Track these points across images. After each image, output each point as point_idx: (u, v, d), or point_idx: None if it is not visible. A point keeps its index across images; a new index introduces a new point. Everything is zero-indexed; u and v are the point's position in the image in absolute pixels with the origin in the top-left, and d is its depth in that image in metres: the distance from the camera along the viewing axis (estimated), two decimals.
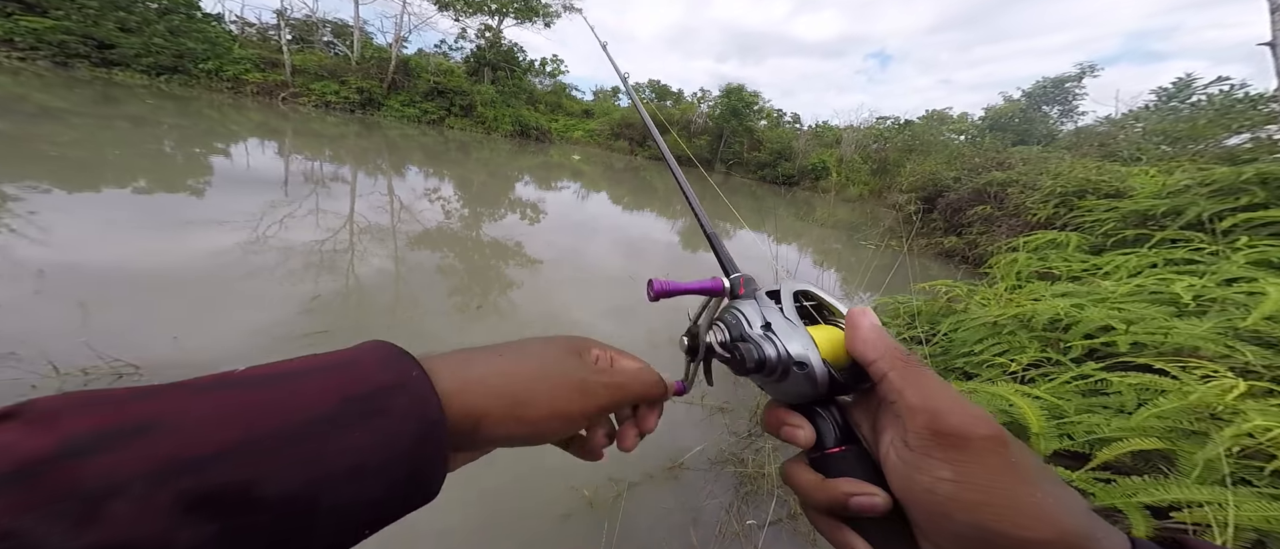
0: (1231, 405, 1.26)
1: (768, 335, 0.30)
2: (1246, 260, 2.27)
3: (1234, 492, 1.06)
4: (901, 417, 0.25)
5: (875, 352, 0.27)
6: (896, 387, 0.26)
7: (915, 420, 0.24)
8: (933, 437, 0.23)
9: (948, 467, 0.23)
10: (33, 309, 2.00)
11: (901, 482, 0.25)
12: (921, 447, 0.24)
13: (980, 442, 0.23)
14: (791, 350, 0.29)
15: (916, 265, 6.15)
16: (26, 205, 3.06)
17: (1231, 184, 3.07)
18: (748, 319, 0.32)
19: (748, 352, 0.30)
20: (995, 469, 0.22)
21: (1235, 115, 6.48)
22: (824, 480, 0.28)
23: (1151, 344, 1.69)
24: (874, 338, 0.28)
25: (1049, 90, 23.92)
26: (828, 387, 0.29)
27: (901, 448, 0.25)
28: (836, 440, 0.29)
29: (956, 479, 0.22)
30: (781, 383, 0.30)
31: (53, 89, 8.63)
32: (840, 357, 0.29)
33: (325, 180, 5.80)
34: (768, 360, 0.29)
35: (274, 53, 16.08)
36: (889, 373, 0.26)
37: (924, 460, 0.23)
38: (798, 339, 0.29)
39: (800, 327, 0.30)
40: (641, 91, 28.84)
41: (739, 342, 0.31)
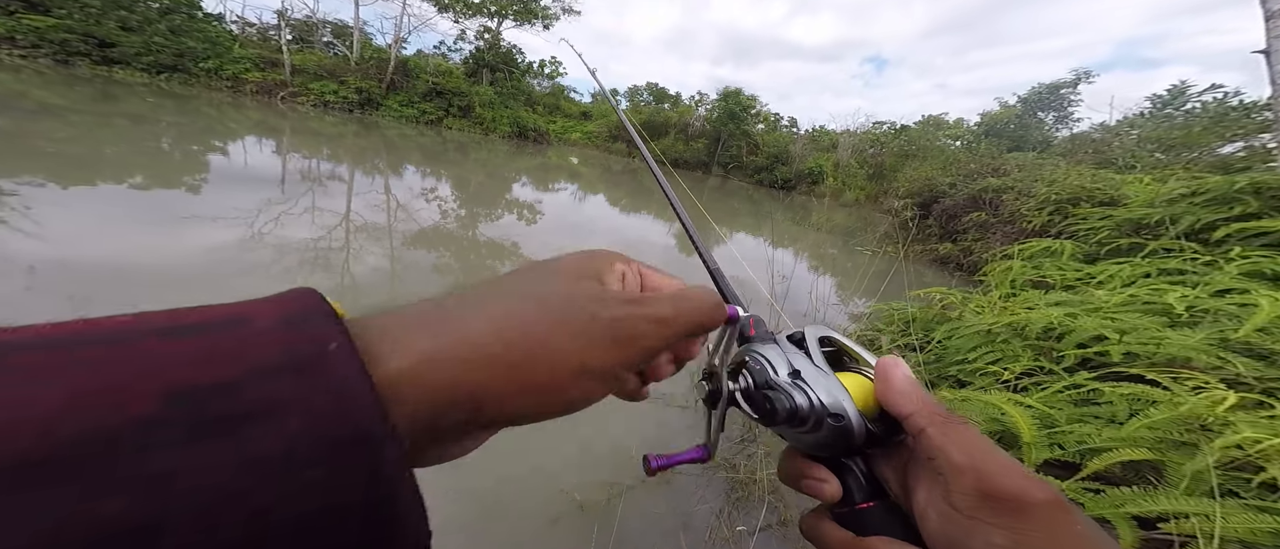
0: (1222, 417, 1.26)
1: (797, 384, 0.28)
2: (1239, 271, 2.28)
3: (1222, 503, 1.06)
4: (944, 475, 0.24)
5: (911, 404, 0.26)
6: (937, 443, 0.24)
7: (962, 480, 0.23)
8: (982, 498, 0.22)
9: (1002, 533, 0.21)
10: (21, 304, 1.98)
11: (945, 544, 0.23)
12: (971, 509, 0.22)
13: (1040, 507, 0.21)
14: (826, 401, 0.27)
15: (912, 272, 6.17)
16: (21, 200, 3.05)
17: (1224, 193, 3.09)
18: (772, 365, 0.30)
19: (779, 401, 0.27)
20: (1058, 537, 0.21)
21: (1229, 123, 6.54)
22: (857, 539, 0.26)
23: (1144, 354, 1.69)
24: (909, 390, 0.26)
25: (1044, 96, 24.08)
26: (864, 440, 0.27)
27: (945, 509, 0.24)
28: (865, 495, 0.28)
29: (1012, 546, 0.21)
30: (811, 435, 0.28)
31: (53, 86, 8.61)
32: (871, 407, 0.28)
33: (322, 179, 5.80)
34: (799, 411, 0.27)
35: (274, 52, 16.10)
36: (928, 427, 0.25)
37: (975, 525, 0.22)
38: (832, 389, 0.28)
39: (832, 375, 0.29)
40: (640, 94, 28.95)
41: (767, 390, 0.29)
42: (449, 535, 1.36)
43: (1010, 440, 1.48)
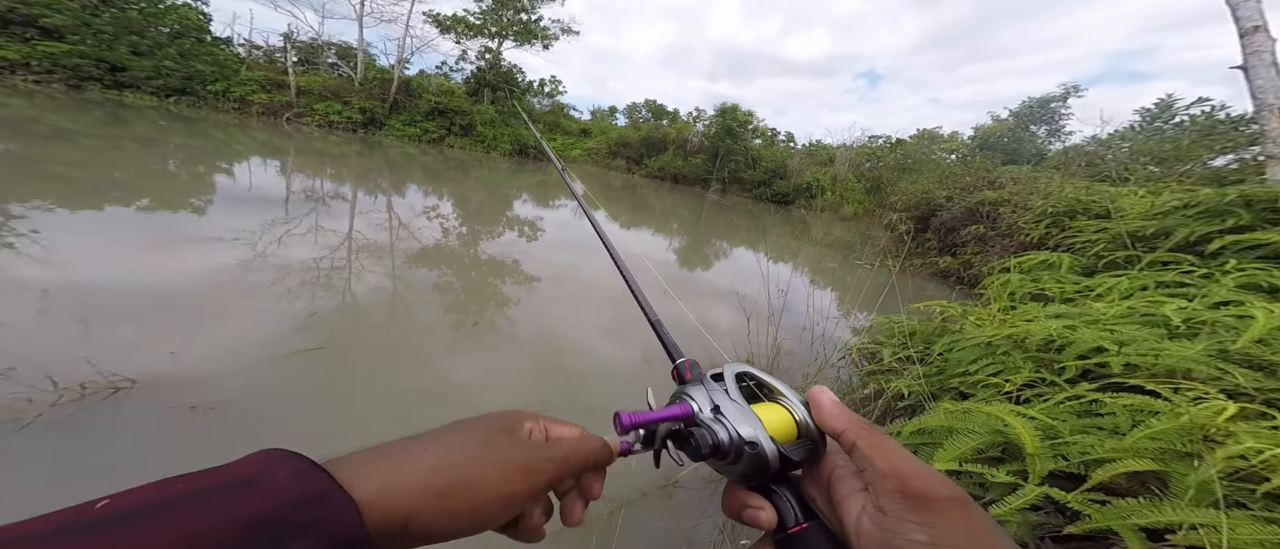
0: (1223, 427, 1.27)
1: (718, 418, 0.31)
2: (1235, 283, 2.30)
3: (1228, 514, 1.06)
4: (873, 483, 0.27)
5: (842, 423, 0.29)
6: (866, 455, 0.27)
7: (886, 485, 0.26)
8: (903, 499, 0.25)
9: (922, 528, 0.24)
10: (35, 326, 2.00)
11: (877, 547, 0.26)
12: (895, 510, 0.25)
13: (945, 502, 0.25)
14: (742, 432, 0.30)
15: (912, 285, 6.19)
16: (30, 224, 3.09)
17: (1217, 206, 3.13)
18: (697, 403, 0.33)
19: (702, 437, 0.30)
20: (964, 527, 0.24)
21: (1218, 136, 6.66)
22: None
23: (1144, 366, 1.70)
24: (837, 411, 0.30)
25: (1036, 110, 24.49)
26: (779, 464, 0.30)
27: (876, 514, 0.26)
28: (797, 518, 0.30)
29: (931, 540, 0.24)
30: (735, 465, 0.30)
31: (65, 111, 8.79)
32: (787, 433, 0.31)
33: (325, 198, 5.87)
34: (721, 444, 0.30)
35: (280, 74, 16.46)
36: (857, 442, 0.28)
37: (899, 523, 0.25)
38: (746, 421, 0.30)
39: (747, 407, 0.32)
40: (638, 111, 29.45)
41: (692, 427, 0.32)
42: None
43: (1014, 451, 1.48)
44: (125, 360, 1.84)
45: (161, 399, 1.71)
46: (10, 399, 1.55)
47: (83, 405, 1.61)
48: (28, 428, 1.48)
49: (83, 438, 1.49)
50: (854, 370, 2.85)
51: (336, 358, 2.23)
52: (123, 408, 1.64)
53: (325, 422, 1.77)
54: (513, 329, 3.03)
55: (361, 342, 2.46)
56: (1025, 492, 1.31)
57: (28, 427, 1.48)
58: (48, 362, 1.73)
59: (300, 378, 2.03)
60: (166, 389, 1.77)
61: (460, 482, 0.27)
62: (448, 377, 2.29)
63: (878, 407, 2.25)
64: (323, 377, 2.08)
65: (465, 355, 2.55)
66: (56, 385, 1.64)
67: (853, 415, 0.30)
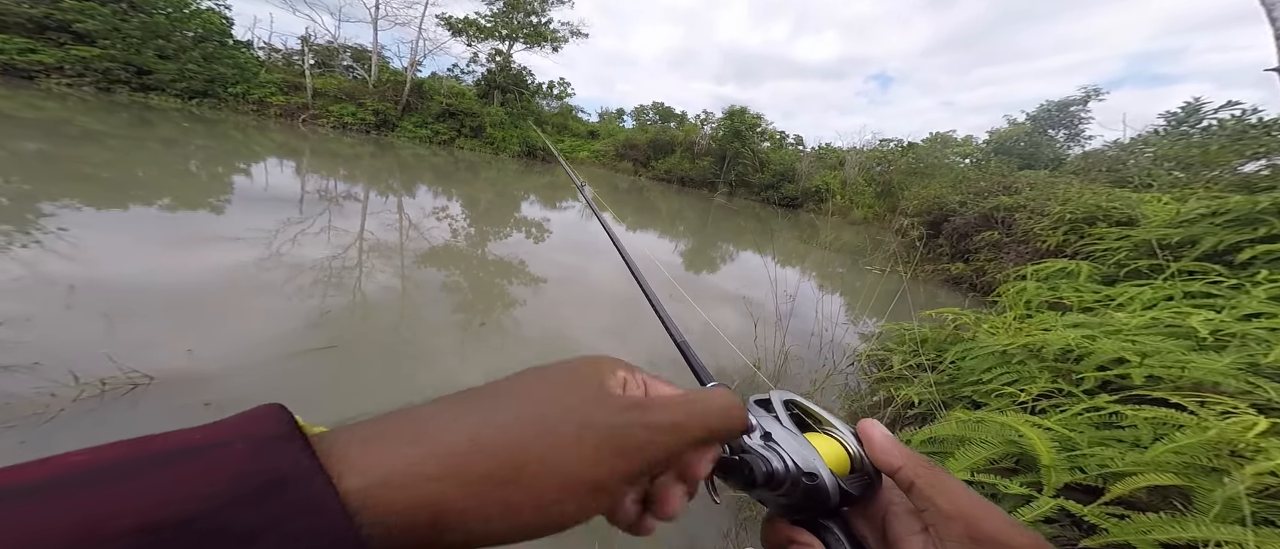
0: (1253, 443, 1.22)
1: (770, 447, 0.29)
2: (1267, 295, 2.22)
3: (1256, 532, 1.02)
4: (934, 525, 0.25)
5: (898, 459, 0.27)
6: (927, 495, 0.26)
7: (951, 528, 0.24)
8: (973, 544, 0.23)
9: None
10: (61, 321, 2.07)
11: None
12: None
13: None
14: (800, 462, 0.28)
15: (923, 292, 6.08)
16: (59, 222, 3.20)
17: (1248, 214, 3.02)
18: None
19: (755, 464, 0.28)
20: None
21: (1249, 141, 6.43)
22: None
23: (1167, 378, 1.65)
24: (892, 447, 0.28)
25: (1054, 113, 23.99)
26: (838, 499, 0.28)
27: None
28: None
29: None
30: (787, 497, 0.28)
31: (94, 113, 9.10)
32: (841, 466, 0.29)
33: (338, 199, 5.98)
34: (775, 474, 0.28)
35: (297, 77, 16.85)
36: (916, 481, 0.26)
37: None
38: (802, 450, 0.28)
39: (800, 436, 0.30)
40: (646, 113, 29.53)
41: (742, 453, 0.29)
42: None
43: (1028, 463, 1.44)
44: (144, 356, 1.89)
45: (177, 396, 1.75)
46: (35, 394, 1.60)
47: (103, 401, 1.65)
48: (51, 422, 1.52)
49: (101, 434, 1.53)
50: (863, 377, 2.81)
51: (347, 356, 2.27)
52: (140, 404, 1.68)
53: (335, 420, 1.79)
54: (520, 329, 3.04)
55: (371, 340, 2.49)
56: (1039, 504, 1.27)
57: (51, 421, 1.53)
58: (71, 357, 1.79)
59: (311, 376, 2.06)
60: (182, 385, 1.81)
61: (518, 462, 0.18)
62: (455, 376, 2.31)
63: (887, 414, 2.21)
64: (333, 375, 2.11)
65: (473, 355, 2.57)
66: (78, 381, 1.69)
67: (909, 451, 0.28)
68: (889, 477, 0.28)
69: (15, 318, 1.98)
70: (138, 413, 1.63)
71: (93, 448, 0.14)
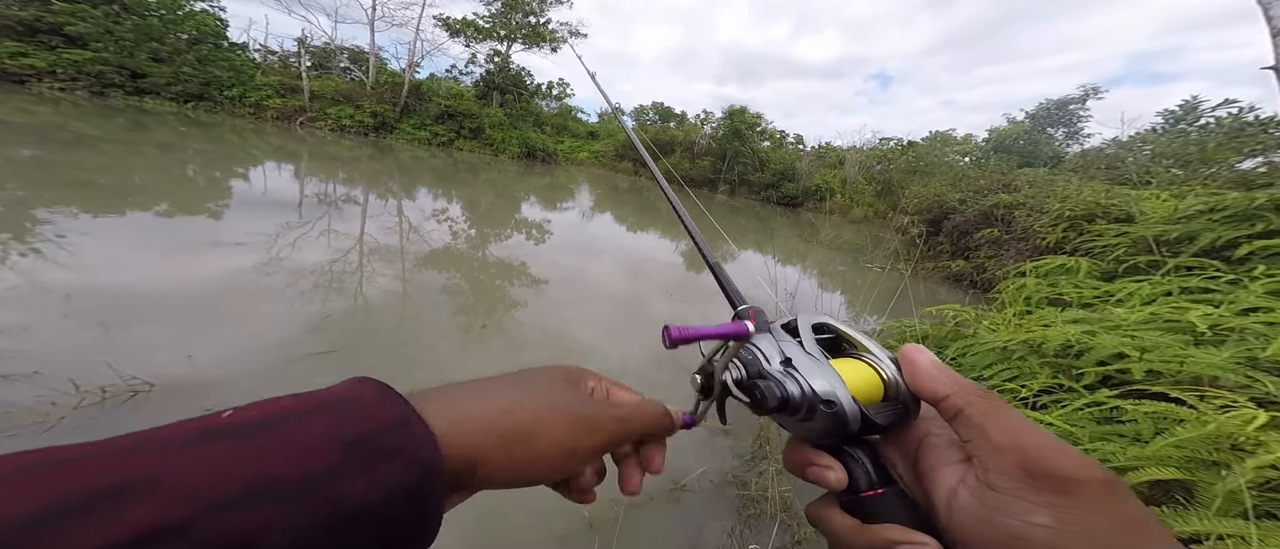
0: (1253, 436, 1.22)
1: (789, 372, 0.28)
2: (1264, 290, 2.22)
3: (1258, 525, 1.03)
4: (980, 455, 0.23)
5: (946, 386, 0.25)
6: (976, 423, 0.24)
7: (1002, 459, 0.22)
8: (1026, 477, 0.21)
9: (1046, 512, 0.20)
10: (59, 329, 2.06)
11: (975, 524, 0.23)
12: (1012, 488, 0.22)
13: (1091, 486, 0.20)
14: (817, 388, 0.27)
15: (923, 289, 6.09)
16: (56, 229, 3.19)
17: (1245, 210, 3.03)
18: (764, 354, 0.30)
19: (768, 390, 0.27)
20: (1110, 519, 0.20)
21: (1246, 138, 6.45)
22: (862, 526, 0.26)
23: (1167, 373, 1.65)
24: (939, 373, 0.26)
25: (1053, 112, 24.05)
26: (860, 426, 0.27)
27: (979, 488, 0.23)
28: (871, 483, 0.27)
29: (1057, 525, 0.20)
30: (806, 422, 0.27)
31: (88, 117, 9.06)
32: (871, 393, 0.28)
33: (337, 202, 5.97)
34: (791, 399, 0.27)
35: (294, 79, 16.80)
36: (965, 409, 0.24)
37: (1014, 503, 0.21)
38: (823, 375, 0.27)
39: (824, 362, 0.28)
40: (645, 113, 29.52)
41: (758, 379, 0.29)
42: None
43: None
44: (144, 363, 1.88)
45: (177, 402, 1.74)
46: (35, 402, 1.60)
47: (103, 408, 1.65)
48: (52, 430, 1.52)
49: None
50: None
51: (347, 360, 2.26)
52: (140, 410, 1.67)
53: None
54: (521, 331, 3.04)
55: (372, 344, 2.49)
56: None
57: (51, 429, 1.52)
58: (70, 365, 1.78)
59: (312, 381, 2.06)
60: (182, 392, 1.80)
61: (526, 429, 0.26)
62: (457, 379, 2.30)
63: None
64: (333, 379, 2.10)
65: (474, 358, 2.57)
66: (78, 389, 1.68)
67: (959, 378, 0.26)
68: (933, 405, 0.26)
69: (13, 327, 1.97)
70: (139, 420, 1.63)
71: (258, 403, 0.22)
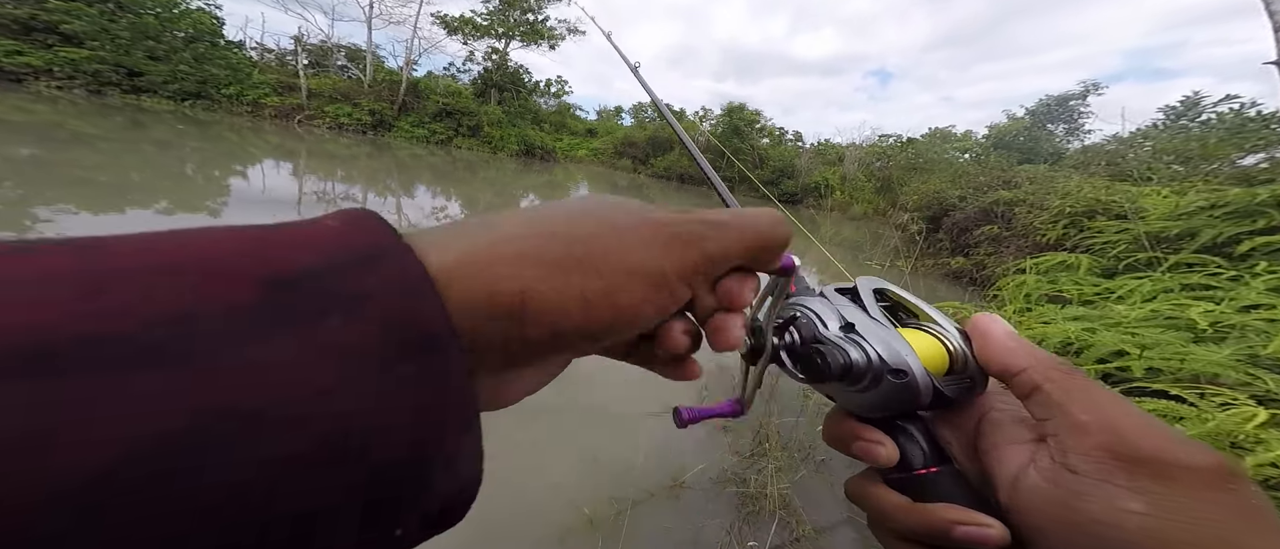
0: (1253, 434, 1.22)
1: (852, 337, 0.26)
2: (1266, 286, 2.22)
3: None
4: (1058, 435, 0.21)
5: (1023, 359, 0.23)
6: (1056, 401, 0.21)
7: (1085, 440, 0.20)
8: (1115, 460, 0.19)
9: (1141, 498, 0.18)
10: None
11: (1049, 507, 0.20)
12: (1097, 471, 0.19)
13: (1200, 473, 0.18)
14: (886, 355, 0.24)
15: (923, 286, 6.09)
16: (56, 227, 3.18)
17: (1246, 206, 3.03)
18: (821, 318, 0.27)
19: (831, 355, 0.24)
20: (1224, 510, 0.18)
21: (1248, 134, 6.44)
22: (914, 505, 0.24)
23: (1168, 370, 1.65)
24: (1015, 345, 0.24)
25: (1053, 108, 24.00)
26: (931, 400, 0.24)
27: (1053, 470, 0.21)
28: (926, 460, 0.25)
29: (1155, 513, 0.18)
30: (867, 393, 0.25)
31: (86, 116, 9.04)
32: (939, 365, 0.26)
33: (336, 200, 5.96)
34: (855, 366, 0.24)
35: (291, 77, 16.76)
36: (1043, 384, 0.22)
37: (1101, 487, 0.19)
38: (892, 342, 0.25)
39: (892, 328, 0.26)
40: (644, 111, 29.46)
41: (816, 344, 0.26)
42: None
43: None
44: None
45: None
46: None
47: None
48: None
49: None
50: None
51: None
52: None
53: None
54: None
55: None
56: None
57: None
58: None
59: None
60: None
61: (589, 249, 0.18)
62: None
63: None
64: None
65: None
66: None
67: (1038, 351, 0.23)
68: (1003, 380, 0.24)
69: None
70: None
71: (163, 233, 0.13)
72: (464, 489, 0.15)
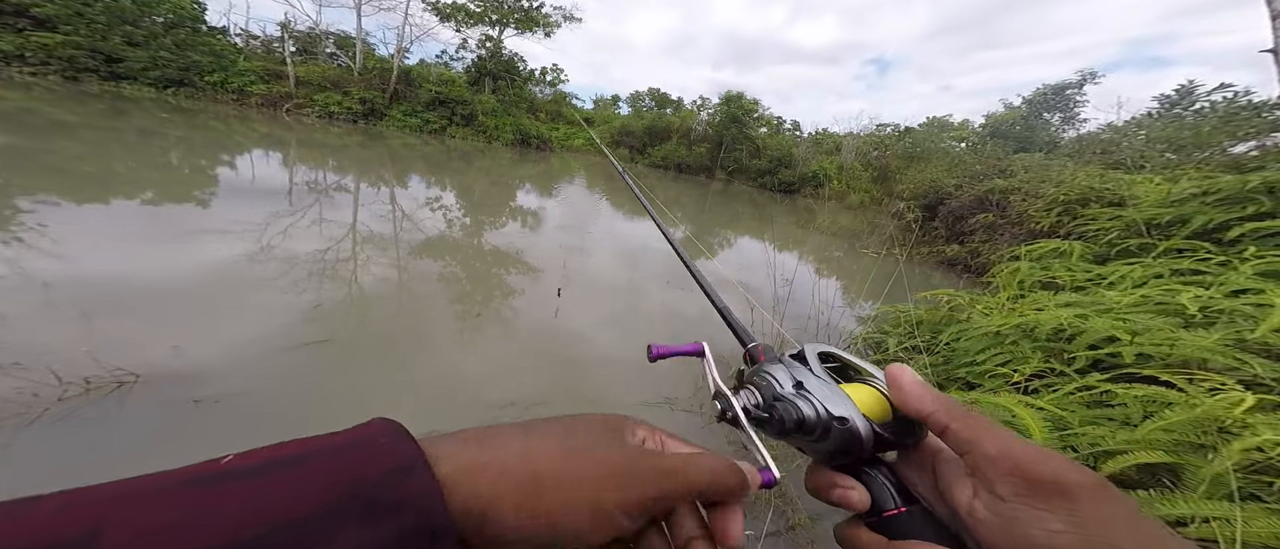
0: (1240, 419, 1.24)
1: (802, 394, 0.30)
2: (1254, 271, 2.24)
3: (1243, 507, 1.04)
4: (980, 468, 0.25)
5: (930, 404, 0.27)
6: (965, 437, 0.25)
7: (998, 469, 0.24)
8: (1026, 485, 0.23)
9: (1058, 518, 0.22)
10: (39, 320, 2.01)
11: (1001, 538, 0.23)
12: (1016, 497, 0.23)
13: (1090, 489, 0.22)
14: (831, 408, 0.29)
15: (918, 274, 6.12)
16: (37, 218, 3.10)
17: (1237, 193, 3.05)
18: (778, 380, 0.32)
19: (785, 411, 0.29)
20: (1113, 516, 0.21)
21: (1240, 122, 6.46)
22: (890, 543, 0.27)
23: (1157, 356, 1.67)
24: (921, 391, 0.28)
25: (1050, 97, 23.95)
26: (873, 443, 0.28)
27: (992, 501, 0.24)
28: (895, 502, 0.28)
29: (1075, 530, 0.21)
30: (822, 443, 0.29)
31: (64, 103, 8.78)
32: (881, 413, 0.30)
33: (328, 190, 5.86)
34: (806, 420, 0.29)
35: (278, 64, 16.34)
36: (951, 424, 0.26)
37: (1028, 512, 0.23)
38: (833, 396, 0.29)
39: (833, 384, 0.31)
40: (642, 99, 29.11)
41: (774, 401, 0.31)
42: None
43: None
44: (129, 354, 1.85)
45: (164, 393, 1.72)
46: (15, 393, 1.56)
47: (88, 400, 1.62)
48: (35, 423, 1.49)
49: (87, 433, 1.50)
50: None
51: (340, 350, 2.24)
52: (127, 402, 1.64)
53: (327, 415, 1.77)
54: (516, 319, 3.02)
55: (368, 333, 2.46)
56: None
57: (35, 422, 1.49)
58: (52, 355, 1.74)
59: (303, 370, 2.03)
60: (169, 383, 1.77)
61: (540, 474, 0.22)
62: (454, 368, 2.29)
63: None
64: (325, 369, 2.08)
65: (470, 346, 2.55)
66: (61, 381, 1.65)
67: (942, 395, 0.27)
68: (921, 421, 0.28)
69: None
70: (125, 412, 1.60)
71: (267, 447, 0.20)
72: None
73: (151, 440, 1.52)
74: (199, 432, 1.58)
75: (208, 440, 1.55)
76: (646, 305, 3.71)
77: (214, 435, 1.57)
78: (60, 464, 1.38)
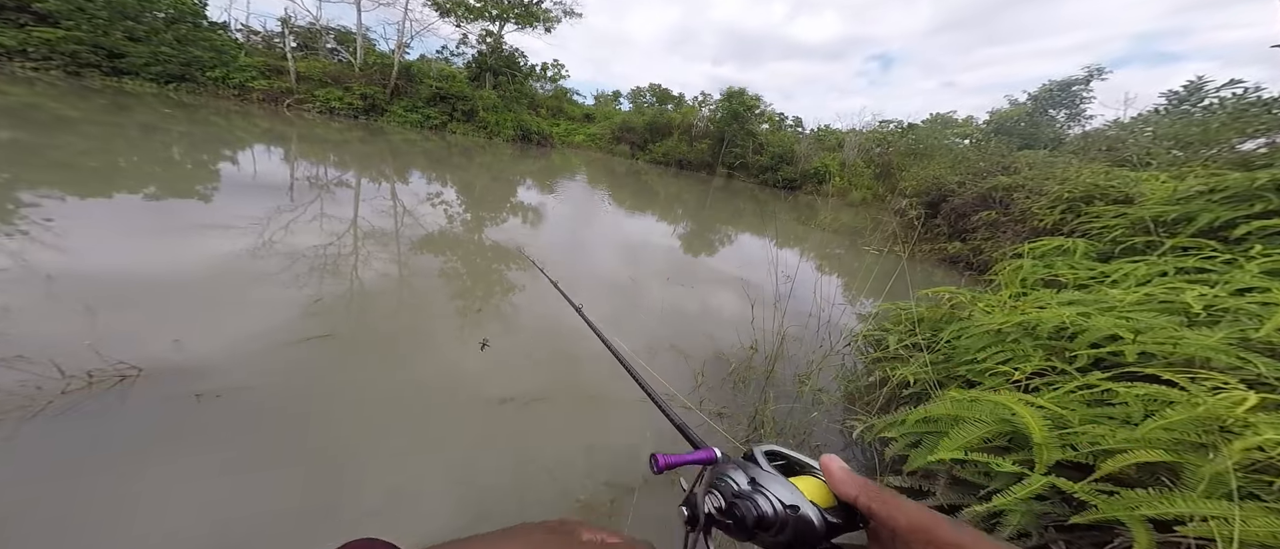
0: (1242, 418, 1.23)
1: (757, 490, 0.33)
2: (1260, 269, 2.22)
3: (1241, 506, 1.04)
4: (899, 540, 0.28)
5: (853, 489, 0.31)
6: (882, 516, 0.29)
7: (914, 540, 0.27)
8: None
9: None
10: (43, 313, 2.02)
11: None
12: None
13: (981, 546, 0.26)
14: (783, 498, 0.32)
15: (920, 271, 6.10)
16: (42, 212, 3.12)
17: (1245, 190, 3.02)
18: (734, 480, 0.35)
19: (746, 509, 0.32)
20: None
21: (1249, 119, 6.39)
22: None
23: (1160, 354, 1.65)
24: (846, 477, 0.32)
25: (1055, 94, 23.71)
26: (825, 528, 0.31)
27: None
28: None
29: None
30: (781, 535, 0.31)
31: (66, 98, 8.81)
32: (825, 500, 0.33)
33: (329, 185, 5.87)
34: (765, 515, 0.31)
35: (279, 60, 16.32)
36: (872, 505, 0.30)
37: None
38: (783, 488, 0.32)
39: (782, 478, 0.34)
40: (643, 95, 28.97)
41: (736, 500, 0.33)
42: (452, 535, 1.36)
43: (1021, 441, 1.45)
44: (131, 348, 1.86)
45: (166, 387, 1.73)
46: (18, 387, 1.58)
47: (91, 393, 1.63)
48: (38, 416, 1.50)
49: (90, 427, 1.51)
50: (859, 358, 2.82)
51: (341, 345, 2.25)
52: (129, 396, 1.66)
53: (328, 410, 1.78)
54: (516, 316, 3.03)
55: (367, 328, 2.47)
56: (1031, 481, 1.29)
57: (37, 415, 1.51)
58: (54, 349, 1.75)
59: (304, 365, 2.04)
60: (171, 377, 1.79)
61: None
62: (453, 364, 2.30)
63: (883, 394, 2.23)
64: (326, 364, 2.09)
65: (471, 343, 2.56)
66: (63, 374, 1.66)
67: (863, 480, 0.31)
68: (850, 504, 0.31)
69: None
70: (127, 406, 1.61)
71: None
72: None
73: (153, 435, 1.53)
74: (201, 426, 1.60)
75: (209, 435, 1.56)
76: (647, 302, 3.71)
77: (216, 430, 1.58)
78: (63, 458, 1.39)
